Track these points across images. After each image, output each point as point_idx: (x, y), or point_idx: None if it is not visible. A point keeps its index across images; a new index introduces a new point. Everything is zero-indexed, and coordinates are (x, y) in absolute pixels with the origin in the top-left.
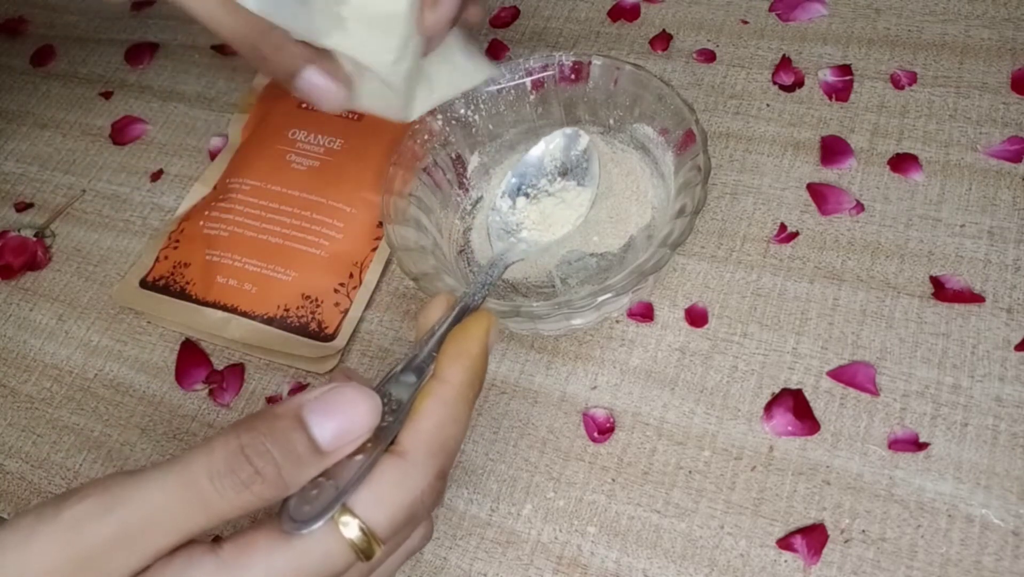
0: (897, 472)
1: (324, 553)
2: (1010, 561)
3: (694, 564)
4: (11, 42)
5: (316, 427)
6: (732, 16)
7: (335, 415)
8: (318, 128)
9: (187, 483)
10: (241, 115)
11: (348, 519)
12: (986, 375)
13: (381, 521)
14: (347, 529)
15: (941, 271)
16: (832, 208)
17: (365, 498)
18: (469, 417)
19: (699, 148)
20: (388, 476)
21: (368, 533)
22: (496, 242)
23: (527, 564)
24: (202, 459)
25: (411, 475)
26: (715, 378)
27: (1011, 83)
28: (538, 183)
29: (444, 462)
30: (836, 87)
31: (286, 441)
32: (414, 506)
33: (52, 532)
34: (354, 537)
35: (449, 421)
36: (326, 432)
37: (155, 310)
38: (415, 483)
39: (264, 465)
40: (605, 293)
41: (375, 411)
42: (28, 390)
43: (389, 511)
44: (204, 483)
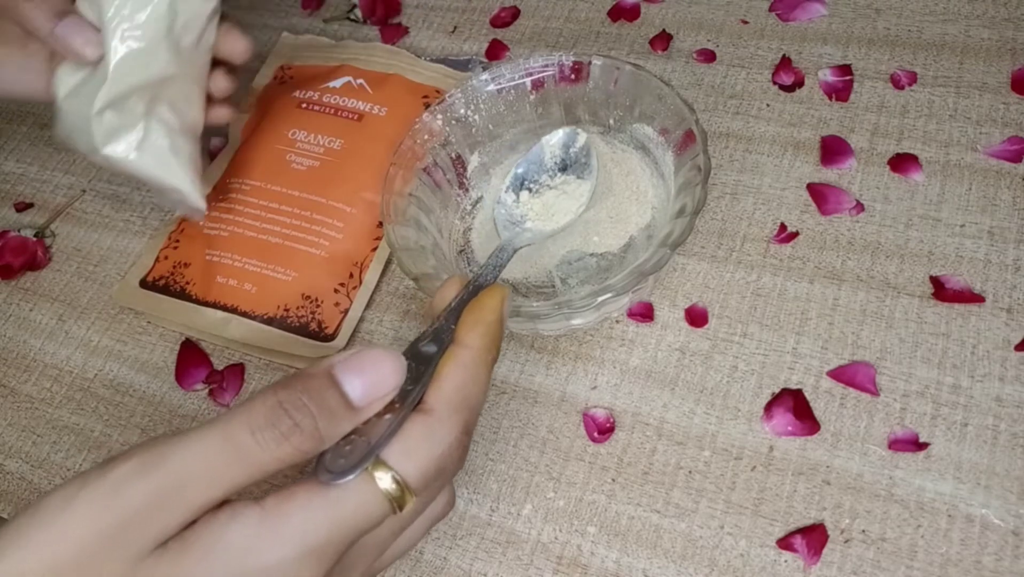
0: (897, 472)
1: (360, 503)
2: (1010, 561)
3: (694, 564)
4: None
5: (347, 384)
6: (732, 16)
7: (364, 373)
8: (318, 128)
9: (228, 437)
10: (241, 115)
11: (382, 473)
12: (986, 375)
13: (412, 472)
14: (382, 480)
15: (941, 271)
16: (832, 208)
17: (396, 451)
18: (489, 378)
19: (699, 148)
20: (417, 430)
21: (401, 483)
22: (503, 232)
23: (527, 564)
24: (242, 416)
25: (437, 429)
26: (715, 378)
27: (1011, 83)
28: (540, 178)
29: (468, 418)
30: (836, 87)
31: (321, 397)
32: (442, 459)
33: (94, 496)
34: (388, 488)
35: (470, 381)
36: (356, 388)
37: (155, 310)
38: (442, 436)
39: (302, 418)
40: (605, 293)
41: (401, 369)
42: (28, 390)
43: (420, 463)
44: (245, 437)
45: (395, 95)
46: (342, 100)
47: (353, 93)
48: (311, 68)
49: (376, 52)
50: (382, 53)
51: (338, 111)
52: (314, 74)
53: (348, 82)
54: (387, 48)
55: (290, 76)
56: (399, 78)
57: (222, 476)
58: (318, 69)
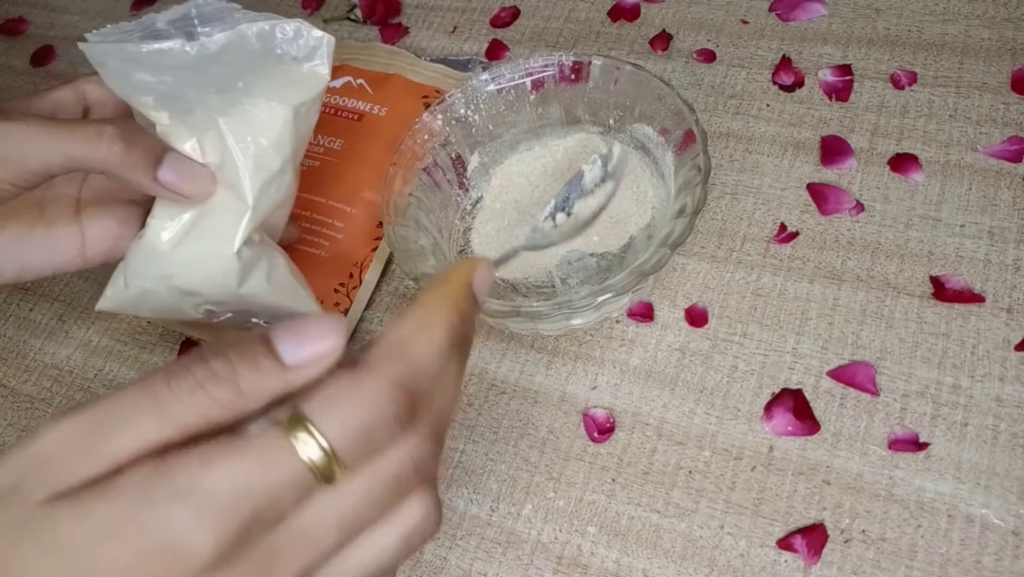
0: (897, 472)
1: (268, 456)
2: (1010, 561)
3: (694, 564)
4: (11, 42)
5: (280, 343)
6: (732, 16)
7: (300, 333)
8: (318, 128)
9: (144, 387)
10: None
11: (299, 431)
12: (986, 375)
13: (334, 429)
14: (298, 437)
15: (941, 271)
16: (832, 208)
17: (316, 403)
18: (443, 338)
19: (699, 148)
20: (339, 381)
21: (318, 437)
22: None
23: (527, 564)
24: (164, 368)
25: (364, 380)
26: (715, 378)
27: (1011, 83)
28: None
29: (401, 370)
30: (836, 87)
31: (246, 349)
32: (370, 417)
33: (15, 450)
34: (303, 438)
35: (412, 334)
36: (289, 346)
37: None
38: (368, 388)
39: (220, 365)
40: (605, 293)
41: (339, 328)
42: (28, 390)
43: (342, 416)
44: (160, 385)
45: (395, 95)
46: (342, 100)
47: (353, 93)
48: None
49: (376, 52)
50: (382, 53)
51: (338, 111)
52: None
53: (348, 82)
54: (387, 48)
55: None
56: (399, 78)
57: (134, 425)
58: None
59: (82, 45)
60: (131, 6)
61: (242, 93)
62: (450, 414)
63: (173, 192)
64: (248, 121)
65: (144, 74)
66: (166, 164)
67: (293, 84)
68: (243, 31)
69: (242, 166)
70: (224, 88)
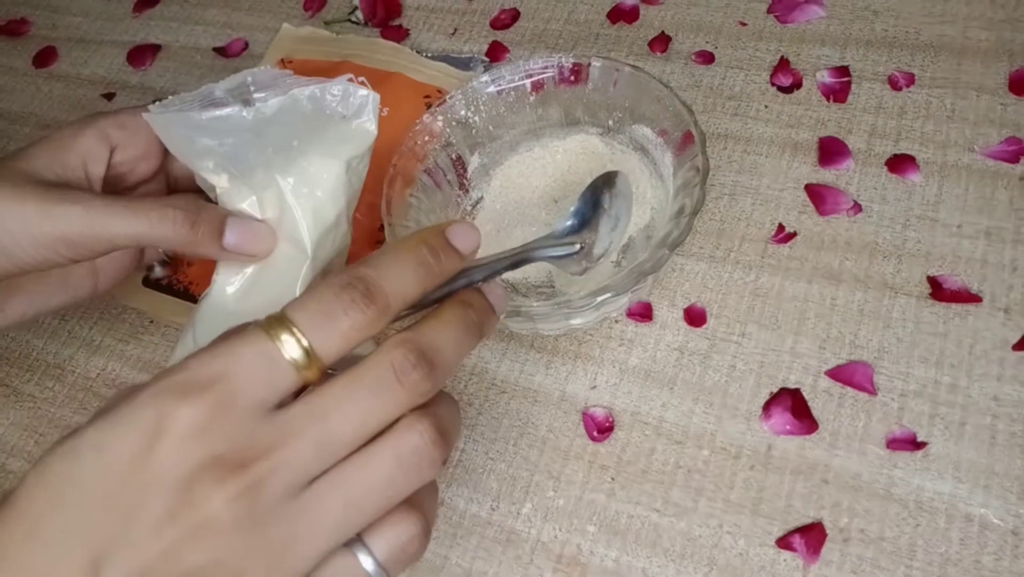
0: (896, 471)
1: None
2: (1009, 561)
3: (693, 563)
4: (13, 43)
5: (229, 231)
6: (730, 18)
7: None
8: None
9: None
10: None
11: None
12: (984, 375)
13: (295, 307)
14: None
15: (939, 271)
16: (830, 208)
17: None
18: (405, 249)
19: (698, 149)
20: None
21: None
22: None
23: (527, 563)
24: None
25: (328, 279)
26: (714, 377)
27: (1008, 84)
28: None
29: (356, 267)
30: (834, 88)
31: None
32: (326, 295)
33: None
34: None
35: (376, 253)
36: (233, 235)
37: (158, 309)
38: (327, 280)
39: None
40: (605, 293)
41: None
42: (31, 390)
43: (303, 306)
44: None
45: (397, 94)
46: None
47: None
48: (312, 63)
49: (378, 48)
50: (384, 50)
51: None
52: (315, 69)
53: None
54: (389, 45)
55: (290, 70)
56: (401, 77)
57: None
58: (319, 64)
59: (146, 116)
60: (132, 8)
61: (298, 152)
62: (440, 341)
63: (239, 254)
64: (304, 177)
65: (205, 139)
66: (229, 230)
67: (344, 140)
68: (295, 95)
69: (300, 219)
70: (280, 148)
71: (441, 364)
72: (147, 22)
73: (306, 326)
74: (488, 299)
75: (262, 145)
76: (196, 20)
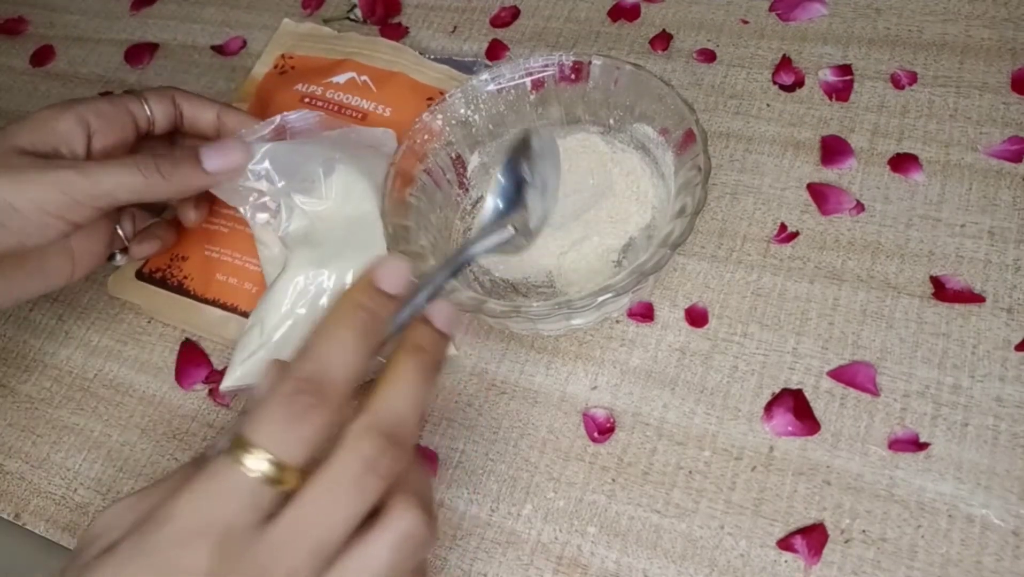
0: (897, 472)
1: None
2: (1010, 561)
3: (694, 564)
4: (11, 42)
5: (205, 158)
6: (732, 16)
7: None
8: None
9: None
10: (240, 104)
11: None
12: (986, 375)
13: (251, 419)
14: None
15: (941, 271)
16: (832, 208)
17: (247, 423)
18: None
19: (699, 148)
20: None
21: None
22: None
23: (527, 564)
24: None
25: (276, 385)
26: (715, 378)
27: (1011, 83)
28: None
29: (300, 365)
30: (836, 87)
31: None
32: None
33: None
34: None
35: (313, 336)
36: (210, 160)
37: (151, 304)
38: (278, 388)
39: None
40: (605, 293)
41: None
42: (28, 390)
43: (262, 421)
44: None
45: (399, 95)
46: (346, 97)
47: (357, 90)
48: (313, 60)
49: (379, 47)
50: (385, 49)
51: (342, 108)
52: (316, 67)
53: (352, 78)
54: (390, 44)
55: (291, 67)
56: (404, 77)
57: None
58: (320, 62)
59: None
60: (130, 6)
61: (342, 154)
62: (400, 409)
63: (224, 172)
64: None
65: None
66: (206, 157)
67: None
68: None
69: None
70: (325, 156)
71: (408, 435)
72: (145, 20)
73: (268, 444)
74: (437, 326)
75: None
76: (194, 18)
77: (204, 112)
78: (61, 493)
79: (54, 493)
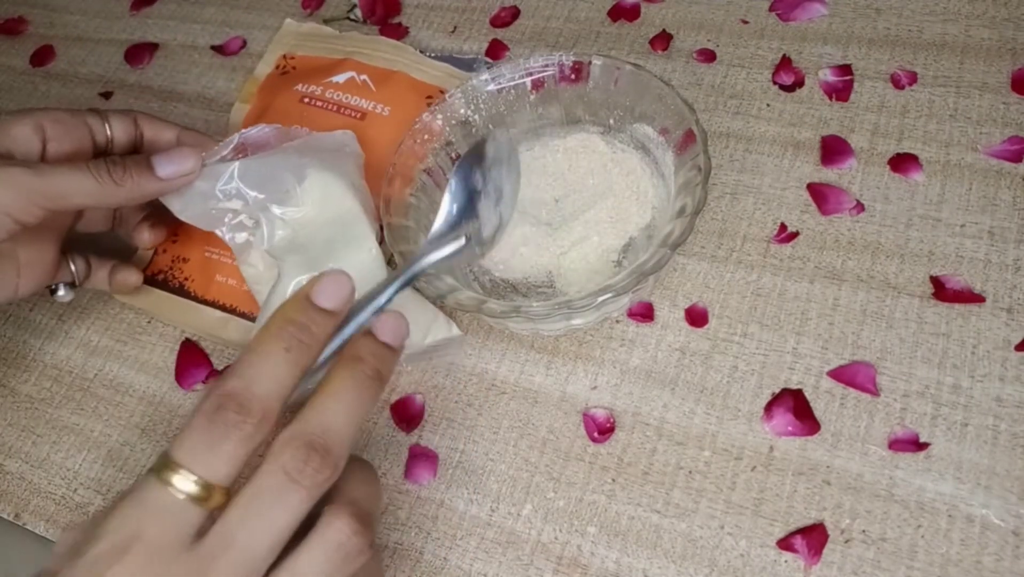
0: (897, 472)
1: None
2: (1010, 561)
3: (694, 564)
4: (11, 42)
5: (157, 165)
6: (732, 16)
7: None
8: (320, 125)
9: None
10: (242, 105)
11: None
12: (986, 375)
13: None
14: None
15: (941, 271)
16: (832, 208)
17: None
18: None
19: (699, 148)
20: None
21: (166, 458)
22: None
23: (527, 564)
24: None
25: (199, 405)
26: (715, 378)
27: (1011, 83)
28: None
29: (223, 383)
30: (836, 87)
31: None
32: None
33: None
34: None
35: (242, 355)
36: (163, 167)
37: (154, 306)
38: (200, 407)
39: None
40: (605, 293)
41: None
42: (28, 390)
43: (187, 442)
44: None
45: (399, 94)
46: (345, 97)
47: (357, 90)
48: (314, 60)
49: (380, 47)
50: (386, 48)
51: (341, 108)
52: (317, 66)
53: (352, 77)
54: (391, 43)
55: (292, 67)
56: (403, 76)
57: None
58: (321, 61)
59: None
60: (130, 6)
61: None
62: (329, 418)
63: (176, 178)
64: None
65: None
66: (158, 164)
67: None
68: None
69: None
70: (295, 164)
71: (336, 443)
72: (145, 20)
73: (191, 462)
74: (381, 339)
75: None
76: (194, 18)
77: (164, 133)
78: (61, 493)
79: (54, 493)
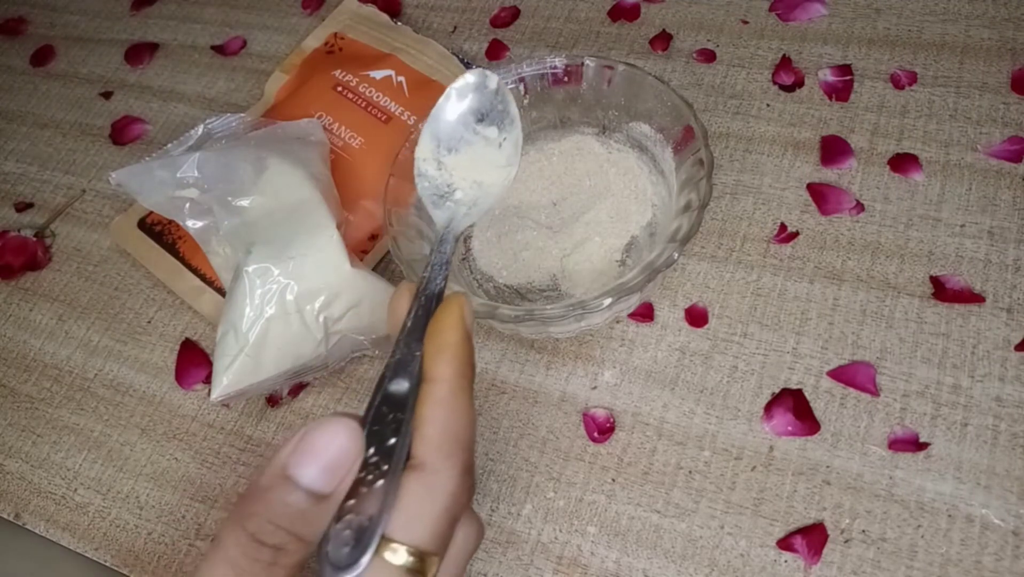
0: (897, 472)
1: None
2: (1010, 561)
3: (694, 564)
4: (11, 42)
5: (304, 478)
6: (732, 16)
7: (318, 455)
8: (345, 119)
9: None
10: (281, 74)
11: (395, 547)
12: (986, 375)
13: (424, 536)
14: (395, 556)
15: (941, 271)
16: (832, 208)
17: (401, 522)
18: (470, 404)
19: (700, 143)
20: (415, 492)
21: (416, 553)
22: (435, 211)
23: (527, 564)
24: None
25: (436, 484)
26: (715, 378)
27: (1011, 83)
28: (455, 132)
29: (463, 457)
30: (836, 87)
31: (285, 506)
32: (451, 510)
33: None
34: (405, 562)
35: (453, 418)
36: (316, 478)
37: (145, 255)
38: (442, 488)
39: (279, 539)
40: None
41: (355, 435)
42: (28, 390)
43: (428, 524)
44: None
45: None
46: (377, 95)
47: (390, 91)
48: (361, 47)
49: (427, 50)
50: (433, 54)
51: (369, 106)
52: (362, 55)
53: (389, 76)
54: (440, 50)
55: (339, 48)
56: (439, 87)
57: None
58: (367, 51)
59: (113, 176)
60: (131, 6)
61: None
62: (472, 443)
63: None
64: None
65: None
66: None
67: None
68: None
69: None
70: (254, 156)
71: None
72: (145, 20)
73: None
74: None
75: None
76: (194, 18)
77: None
78: (61, 493)
79: (54, 493)
